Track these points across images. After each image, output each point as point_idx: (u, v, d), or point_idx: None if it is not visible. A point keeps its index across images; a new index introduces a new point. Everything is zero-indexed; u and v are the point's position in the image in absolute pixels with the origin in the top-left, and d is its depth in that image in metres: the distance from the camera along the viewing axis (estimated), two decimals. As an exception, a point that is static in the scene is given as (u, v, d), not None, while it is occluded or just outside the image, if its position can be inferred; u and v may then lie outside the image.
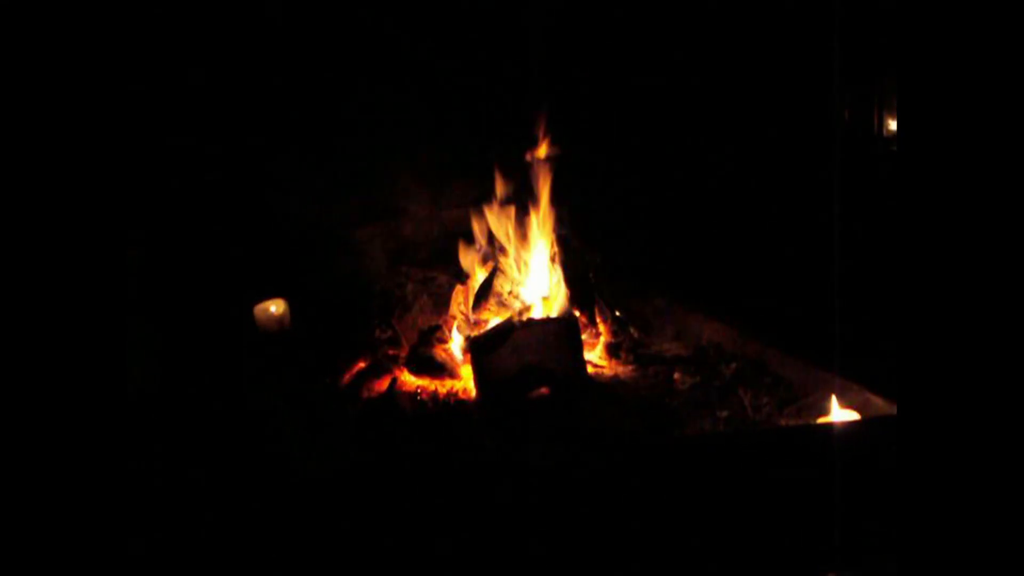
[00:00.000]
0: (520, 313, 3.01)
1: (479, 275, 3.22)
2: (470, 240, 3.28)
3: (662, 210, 3.90)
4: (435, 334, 3.00)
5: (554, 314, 3.04)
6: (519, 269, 3.20)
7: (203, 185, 3.38)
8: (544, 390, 2.67)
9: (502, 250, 3.22)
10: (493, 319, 3.05)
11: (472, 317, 3.11)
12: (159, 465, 2.13)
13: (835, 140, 3.86)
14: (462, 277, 3.26)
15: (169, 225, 3.23)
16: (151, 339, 2.75)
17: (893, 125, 4.05)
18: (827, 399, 2.50)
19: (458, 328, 3.06)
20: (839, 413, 2.38)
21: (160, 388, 2.61)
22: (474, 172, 3.39)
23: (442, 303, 3.28)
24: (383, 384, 2.79)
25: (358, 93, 3.58)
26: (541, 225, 3.22)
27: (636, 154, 3.90)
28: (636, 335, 3.20)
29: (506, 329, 2.75)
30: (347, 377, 2.85)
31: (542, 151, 3.25)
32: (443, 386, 2.83)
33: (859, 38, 3.66)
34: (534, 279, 3.19)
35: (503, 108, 3.60)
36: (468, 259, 3.26)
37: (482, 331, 2.94)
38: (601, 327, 3.16)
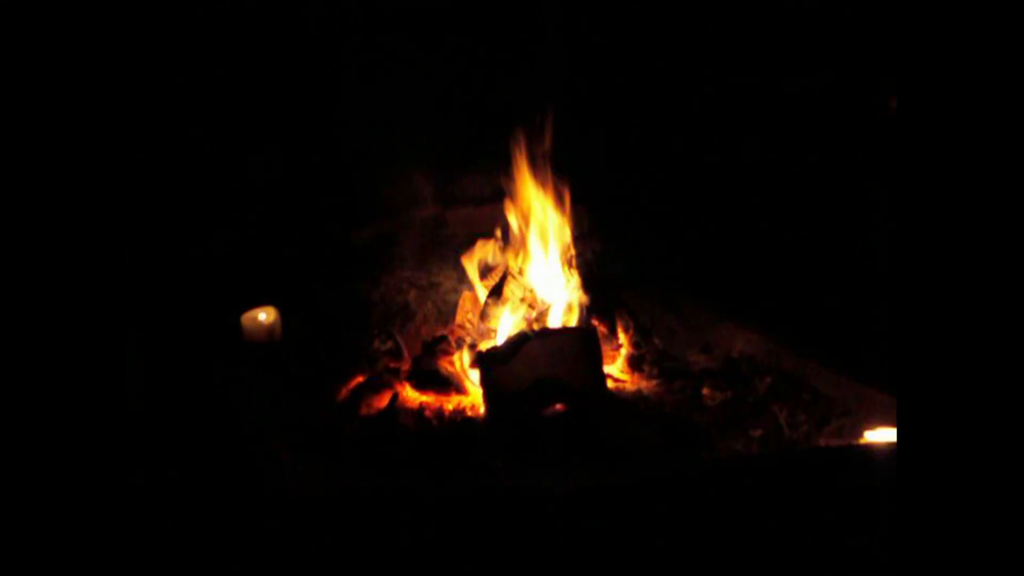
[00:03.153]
0: (534, 322, 3.02)
1: (489, 281, 3.23)
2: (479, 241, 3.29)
3: (689, 208, 3.90)
4: (440, 345, 3.01)
5: (571, 323, 3.05)
6: (533, 274, 3.21)
7: (185, 181, 3.40)
8: (560, 407, 2.67)
9: (515, 253, 3.23)
10: (504, 329, 3.06)
11: (481, 326, 3.12)
12: (141, 485, 2.15)
13: (877, 132, 3.85)
14: (470, 283, 3.27)
15: (144, 224, 3.23)
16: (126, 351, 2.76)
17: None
18: (870, 416, 2.50)
19: (466, 339, 3.07)
20: (883, 432, 2.38)
21: (139, 404, 2.62)
22: (483, 166, 3.40)
23: (448, 311, 3.29)
24: (383, 400, 2.79)
25: (356, 81, 3.60)
26: (557, 226, 3.22)
27: (658, 149, 3.91)
28: (660, 346, 3.20)
29: (518, 340, 2.75)
30: (344, 393, 2.85)
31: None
32: (449, 402, 2.83)
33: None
34: (549, 285, 3.20)
35: (515, 94, 3.61)
36: (477, 263, 3.27)
37: (492, 342, 2.95)
38: (622, 337, 3.16)
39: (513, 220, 3.21)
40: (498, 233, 3.25)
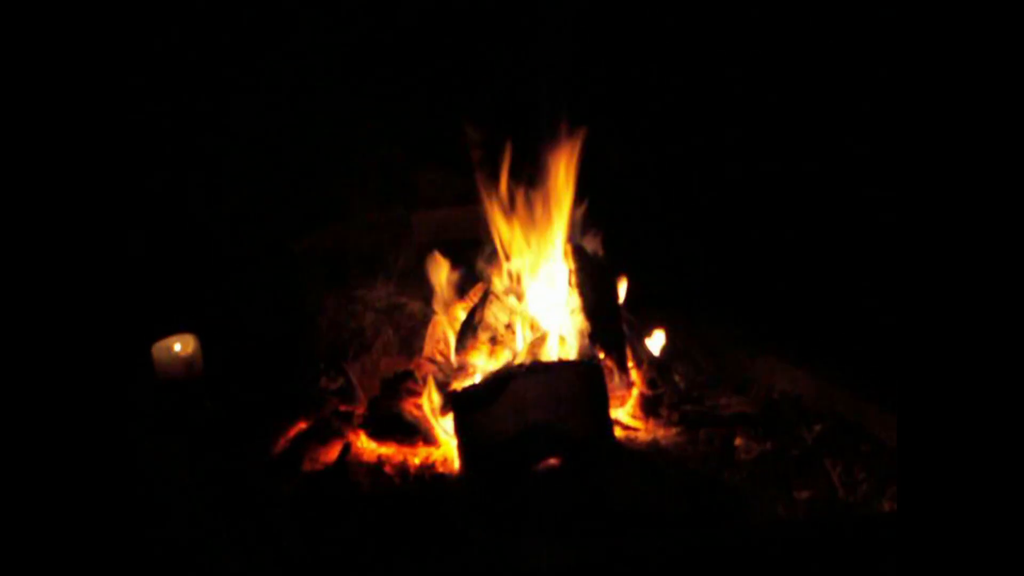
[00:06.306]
0: (522, 354, 3.02)
1: (465, 302, 3.24)
2: (451, 253, 3.30)
3: (716, 212, 3.92)
4: (404, 383, 3.01)
5: (569, 356, 3.06)
6: (520, 293, 3.22)
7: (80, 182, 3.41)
8: (554, 461, 2.68)
9: (497, 267, 3.24)
10: (484, 363, 3.06)
11: (455, 360, 3.13)
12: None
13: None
14: (441, 304, 3.27)
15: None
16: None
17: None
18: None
19: (436, 375, 3.07)
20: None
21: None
22: (453, 161, 3.42)
23: (414, 340, 3.29)
24: (331, 452, 2.80)
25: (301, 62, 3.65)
26: (552, 234, 3.24)
27: (677, 142, 3.96)
28: (682, 385, 3.21)
29: (503, 377, 2.76)
30: (282, 442, 2.85)
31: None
32: (415, 455, 2.84)
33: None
34: (542, 308, 3.21)
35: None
36: (449, 279, 3.28)
37: (470, 379, 2.96)
38: (634, 374, 3.17)
39: (496, 224, 3.23)
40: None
